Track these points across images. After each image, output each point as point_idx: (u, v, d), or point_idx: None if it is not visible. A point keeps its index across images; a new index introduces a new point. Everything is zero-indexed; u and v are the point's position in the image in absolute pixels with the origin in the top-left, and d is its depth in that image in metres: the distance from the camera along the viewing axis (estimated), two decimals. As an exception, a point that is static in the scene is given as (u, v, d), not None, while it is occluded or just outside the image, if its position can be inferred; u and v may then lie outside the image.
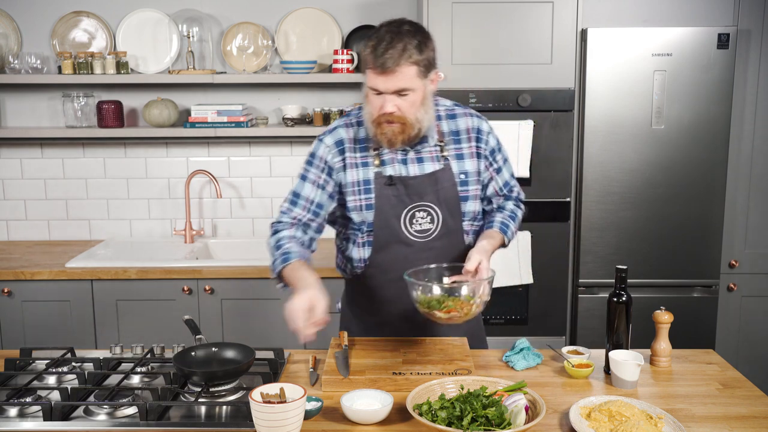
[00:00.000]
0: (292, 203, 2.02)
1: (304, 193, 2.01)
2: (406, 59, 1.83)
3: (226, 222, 3.68)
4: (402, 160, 2.01)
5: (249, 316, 3.11)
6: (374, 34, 1.88)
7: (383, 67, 1.82)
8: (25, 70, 3.37)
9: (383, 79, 1.84)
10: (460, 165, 2.05)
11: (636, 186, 3.15)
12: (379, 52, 1.82)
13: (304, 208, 2.00)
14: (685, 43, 3.05)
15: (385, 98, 1.86)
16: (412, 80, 1.85)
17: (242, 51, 3.47)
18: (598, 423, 1.61)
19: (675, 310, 2.20)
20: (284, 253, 1.92)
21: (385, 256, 2.03)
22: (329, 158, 2.01)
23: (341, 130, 2.03)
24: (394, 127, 1.90)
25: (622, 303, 1.92)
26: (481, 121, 2.11)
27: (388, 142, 1.94)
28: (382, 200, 1.99)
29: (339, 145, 2.02)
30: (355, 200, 2.01)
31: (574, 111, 3.12)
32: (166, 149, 3.60)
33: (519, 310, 3.23)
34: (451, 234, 2.05)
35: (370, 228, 2.01)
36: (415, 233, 2.01)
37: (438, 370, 1.87)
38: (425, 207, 2.00)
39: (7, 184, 3.61)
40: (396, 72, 1.83)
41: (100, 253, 3.30)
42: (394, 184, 1.99)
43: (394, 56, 1.82)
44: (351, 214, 2.02)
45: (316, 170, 2.02)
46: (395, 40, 1.83)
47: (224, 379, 1.82)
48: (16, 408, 1.73)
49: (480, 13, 3.05)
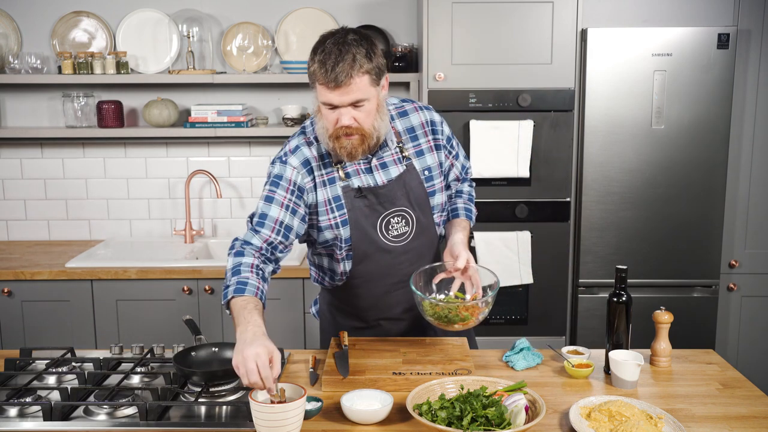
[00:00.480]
0: (259, 225, 1.91)
1: (272, 215, 1.91)
2: (357, 70, 1.77)
3: (226, 222, 3.67)
4: (366, 169, 1.97)
5: (249, 316, 3.10)
6: (319, 47, 1.81)
7: (336, 81, 1.76)
8: (25, 70, 3.37)
9: (337, 94, 1.78)
10: (422, 162, 2.03)
11: (636, 186, 3.15)
12: (329, 67, 1.76)
13: (272, 230, 1.90)
14: (685, 43, 3.05)
15: (341, 112, 1.81)
16: (366, 90, 1.80)
17: (242, 51, 3.47)
18: (598, 423, 1.61)
19: (675, 310, 2.20)
20: (241, 282, 1.80)
21: (366, 266, 2.02)
22: (299, 180, 1.93)
23: (304, 149, 1.96)
24: (353, 140, 1.85)
25: (622, 303, 1.92)
26: (431, 112, 2.08)
27: (348, 156, 1.88)
28: (355, 213, 1.96)
29: (306, 165, 1.95)
30: (328, 219, 1.96)
31: (574, 111, 3.12)
32: (166, 149, 3.60)
33: (519, 310, 3.23)
34: (425, 231, 2.06)
35: (348, 243, 1.98)
36: (392, 239, 2.00)
37: (438, 370, 1.87)
38: (399, 212, 1.99)
39: (7, 184, 3.61)
40: (350, 84, 1.77)
41: (100, 253, 3.30)
42: (364, 196, 1.95)
43: (345, 69, 1.75)
44: (325, 233, 1.98)
45: (283, 192, 1.92)
46: (343, 52, 1.76)
47: (224, 379, 1.82)
48: (16, 408, 1.73)
49: (480, 13, 3.05)
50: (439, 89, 3.09)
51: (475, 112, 3.10)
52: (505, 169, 3.09)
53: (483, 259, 3.14)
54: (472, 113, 3.09)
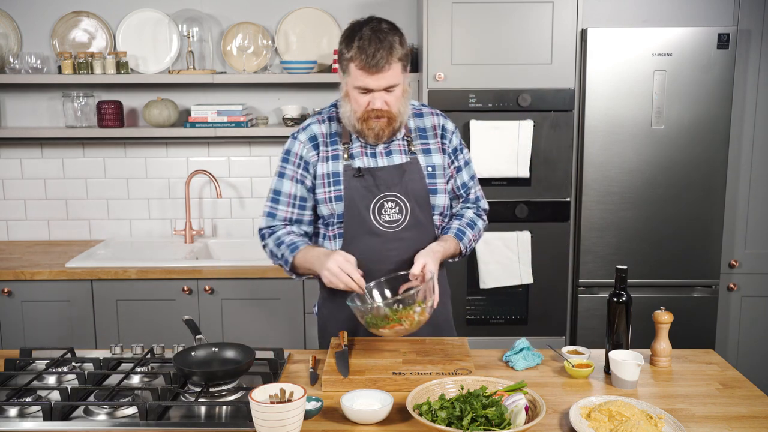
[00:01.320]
0: (274, 201, 2.10)
1: (285, 190, 2.09)
2: (395, 56, 1.92)
3: (226, 222, 3.68)
4: (371, 153, 2.08)
5: (249, 316, 3.11)
6: (355, 35, 1.93)
7: (377, 67, 1.89)
8: (25, 70, 3.37)
9: (374, 78, 1.92)
10: (427, 159, 2.11)
11: (636, 186, 3.15)
12: (369, 53, 1.89)
13: (288, 204, 2.09)
14: (685, 43, 3.05)
15: (374, 95, 1.95)
16: (398, 76, 1.95)
17: (242, 51, 3.47)
18: (598, 423, 1.61)
19: (675, 310, 2.20)
20: (290, 244, 2.02)
21: (356, 247, 2.05)
22: (304, 153, 2.08)
23: (314, 126, 2.10)
24: (381, 122, 1.98)
25: (622, 303, 1.92)
26: (446, 120, 2.19)
27: (376, 137, 2.01)
28: (351, 191, 2.04)
29: (313, 140, 2.08)
30: (324, 192, 2.07)
31: (574, 111, 3.12)
32: (166, 149, 3.60)
33: (519, 310, 3.23)
34: (421, 226, 2.08)
35: (340, 219, 2.07)
36: (384, 223, 2.05)
37: (438, 370, 1.87)
38: (393, 197, 2.05)
39: (7, 184, 3.61)
40: (388, 70, 1.91)
41: (100, 253, 3.30)
42: (362, 176, 2.04)
43: (384, 55, 1.89)
44: (320, 206, 2.09)
45: (292, 167, 2.09)
46: (382, 39, 1.90)
47: (224, 379, 1.82)
48: (16, 408, 1.73)
49: (480, 13, 3.05)
50: (439, 89, 3.09)
51: (475, 112, 3.10)
52: (505, 169, 3.09)
53: (483, 259, 3.14)
54: (472, 113, 3.09)
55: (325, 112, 2.14)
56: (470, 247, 2.16)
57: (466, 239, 2.12)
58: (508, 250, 3.14)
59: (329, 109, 2.14)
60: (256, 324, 3.11)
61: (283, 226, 2.09)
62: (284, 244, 2.04)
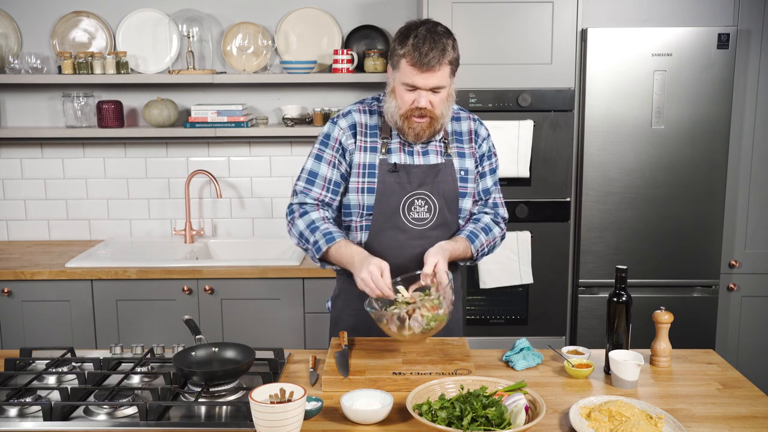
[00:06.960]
0: (309, 182, 2.09)
1: (322, 173, 2.09)
2: (446, 59, 1.95)
3: (226, 222, 3.68)
4: (408, 151, 2.09)
5: (249, 316, 3.11)
6: (411, 33, 1.95)
7: (428, 66, 1.92)
8: (25, 70, 3.37)
9: (423, 77, 1.94)
10: (461, 162, 2.13)
11: (636, 186, 3.15)
12: (423, 51, 1.91)
13: (322, 187, 2.08)
14: (685, 43, 3.05)
15: (420, 94, 1.97)
16: (446, 78, 1.98)
17: (242, 51, 3.47)
18: (598, 423, 1.61)
19: (675, 310, 2.21)
20: (326, 233, 2.01)
21: (381, 241, 2.08)
22: (344, 140, 2.09)
23: (355, 114, 2.12)
24: (423, 122, 2.01)
25: (622, 303, 1.92)
26: (480, 125, 2.21)
27: (416, 136, 2.03)
28: (384, 185, 2.06)
29: (352, 128, 2.10)
30: (357, 182, 2.08)
31: (574, 111, 3.12)
32: (166, 149, 3.60)
33: (519, 310, 3.23)
34: (447, 226, 2.11)
35: (369, 212, 2.08)
36: (412, 220, 2.08)
37: (438, 370, 1.87)
38: (424, 195, 2.07)
39: (7, 184, 3.61)
40: (438, 70, 1.94)
41: (100, 253, 3.30)
42: (397, 171, 2.06)
43: (437, 56, 1.92)
44: (349, 195, 2.10)
45: (331, 150, 2.09)
46: (436, 40, 1.93)
47: (224, 379, 1.82)
48: (16, 408, 1.73)
49: (480, 13, 3.05)
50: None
51: (475, 112, 3.09)
52: (505, 169, 3.09)
53: (483, 259, 3.13)
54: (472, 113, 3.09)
55: (367, 103, 2.15)
56: (483, 252, 2.15)
57: (478, 242, 2.12)
58: (508, 250, 3.14)
59: (371, 101, 2.16)
60: (256, 324, 3.11)
61: (315, 207, 2.08)
62: (319, 230, 2.02)
